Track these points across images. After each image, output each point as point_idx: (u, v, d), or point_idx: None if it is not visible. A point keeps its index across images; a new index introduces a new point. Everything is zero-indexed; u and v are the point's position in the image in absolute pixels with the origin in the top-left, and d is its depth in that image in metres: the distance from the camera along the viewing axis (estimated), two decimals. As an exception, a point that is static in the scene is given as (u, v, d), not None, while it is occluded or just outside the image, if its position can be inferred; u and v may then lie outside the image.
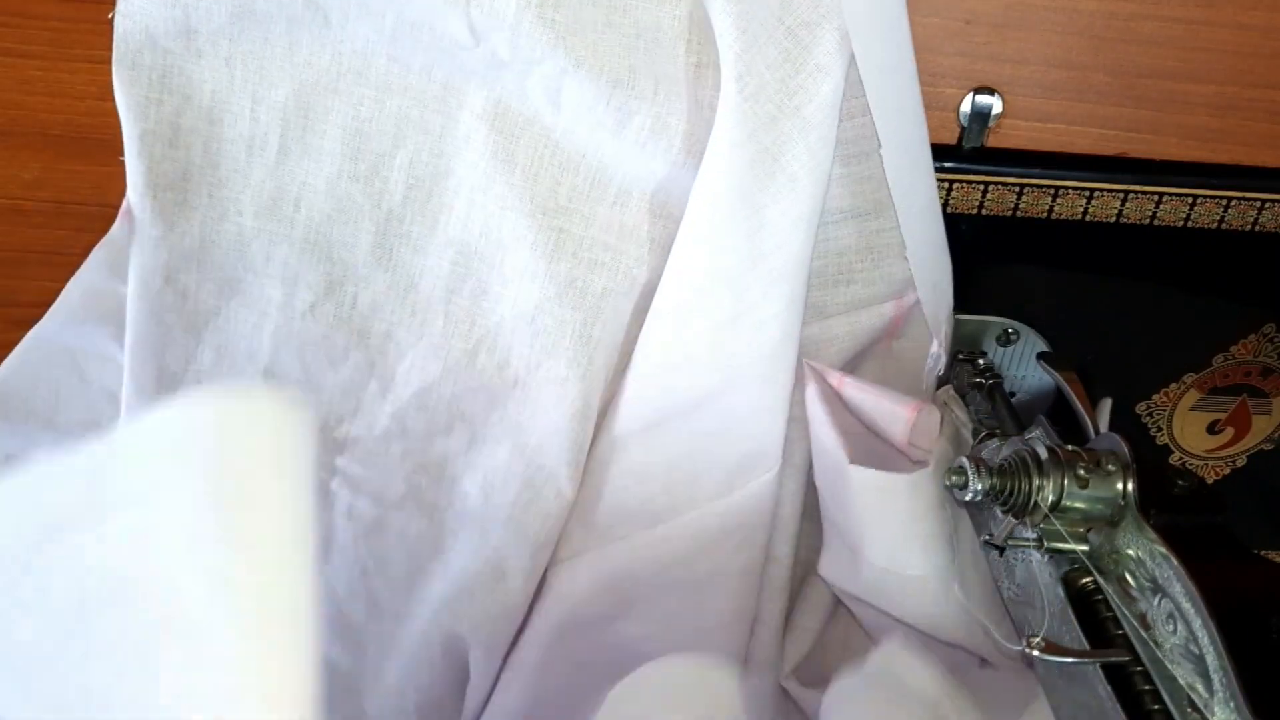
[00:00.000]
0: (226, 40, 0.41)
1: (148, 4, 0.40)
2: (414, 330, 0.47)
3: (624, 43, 0.41)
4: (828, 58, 0.40)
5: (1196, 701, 0.30)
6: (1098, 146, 0.47)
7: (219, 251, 0.44)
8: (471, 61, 0.42)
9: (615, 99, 0.41)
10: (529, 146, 0.44)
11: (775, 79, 0.40)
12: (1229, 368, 0.53)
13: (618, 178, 0.44)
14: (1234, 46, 0.44)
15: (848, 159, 0.44)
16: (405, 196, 0.44)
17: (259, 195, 0.44)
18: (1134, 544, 0.34)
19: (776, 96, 0.40)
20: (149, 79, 0.41)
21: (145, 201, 0.43)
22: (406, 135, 0.43)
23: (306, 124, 0.43)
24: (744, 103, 0.40)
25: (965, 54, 0.44)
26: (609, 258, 0.45)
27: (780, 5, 0.40)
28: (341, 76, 0.42)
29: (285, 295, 0.46)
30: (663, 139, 0.43)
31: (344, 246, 0.45)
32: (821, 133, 0.41)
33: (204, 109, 0.42)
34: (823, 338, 0.48)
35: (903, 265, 0.46)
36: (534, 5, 0.39)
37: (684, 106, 0.43)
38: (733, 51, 0.40)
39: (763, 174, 0.41)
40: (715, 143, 0.41)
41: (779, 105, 0.40)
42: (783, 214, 0.42)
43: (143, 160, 0.42)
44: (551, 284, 0.45)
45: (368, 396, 0.46)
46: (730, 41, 0.40)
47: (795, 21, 0.40)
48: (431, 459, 0.49)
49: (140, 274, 0.44)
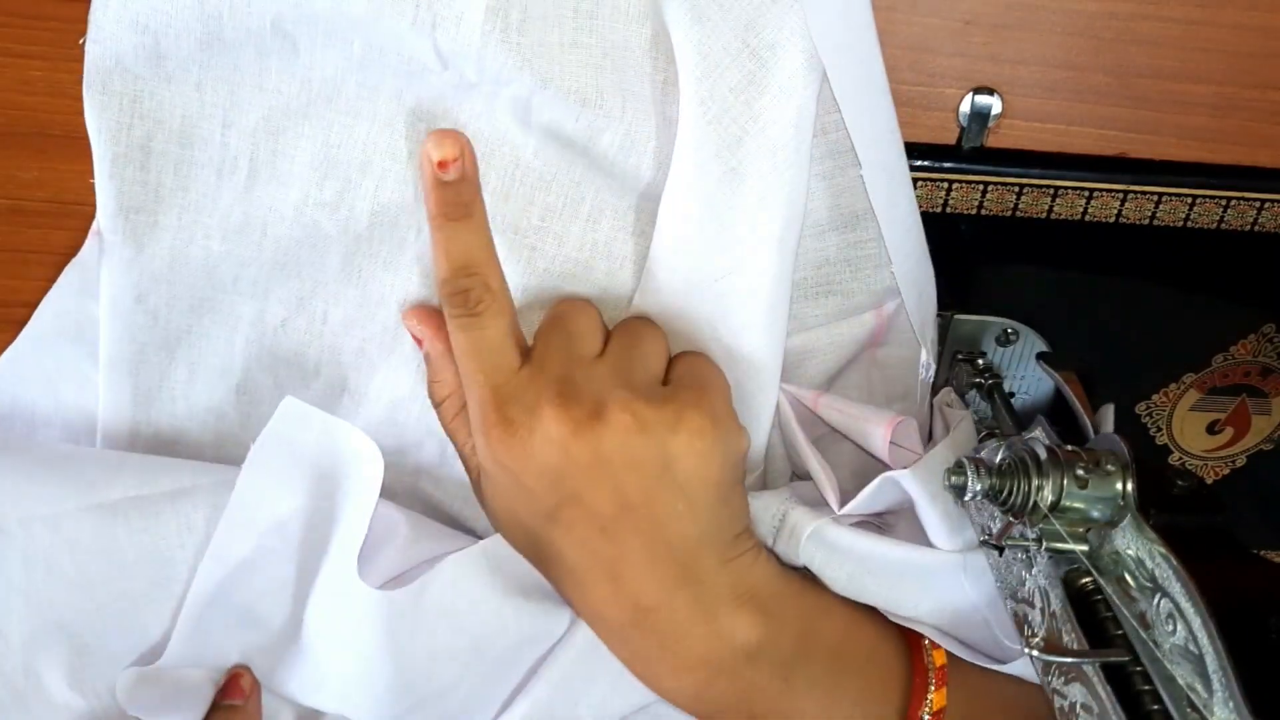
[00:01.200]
0: (197, 66, 0.41)
1: (118, 30, 0.40)
2: (385, 345, 0.47)
3: (591, 61, 0.41)
4: (793, 79, 0.40)
5: (1196, 701, 0.30)
6: (1097, 146, 0.47)
7: (188, 272, 0.44)
8: (440, 85, 0.42)
9: (584, 117, 0.42)
10: (500, 168, 0.44)
11: (739, 102, 0.40)
12: (1229, 368, 0.53)
13: (590, 196, 0.45)
14: (1234, 46, 0.44)
15: (824, 174, 0.44)
16: (371, 223, 0.45)
17: (226, 220, 0.44)
18: (1133, 544, 0.34)
19: (741, 119, 0.41)
20: (120, 104, 0.42)
21: (116, 223, 0.43)
22: (374, 161, 0.44)
23: (276, 149, 0.43)
24: (707, 126, 0.41)
25: (965, 54, 0.44)
26: (581, 271, 0.46)
27: (745, 27, 0.40)
28: (312, 102, 0.43)
29: (256, 311, 0.46)
30: (632, 156, 0.43)
31: (313, 266, 0.45)
32: (789, 153, 0.41)
33: (175, 133, 0.42)
34: (805, 349, 0.48)
35: (881, 275, 0.47)
36: (498, 29, 0.40)
37: (653, 124, 0.43)
38: (694, 75, 0.40)
39: (730, 193, 0.42)
40: (679, 162, 0.42)
41: (743, 128, 0.41)
42: (752, 231, 0.42)
43: (114, 183, 0.43)
44: (523, 296, 0.46)
45: (341, 413, 0.46)
46: (691, 66, 0.40)
47: (760, 43, 0.40)
48: (404, 474, 0.49)
49: (111, 294, 0.44)
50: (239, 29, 0.41)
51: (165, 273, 0.44)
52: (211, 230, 0.44)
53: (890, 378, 0.49)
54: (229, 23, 0.40)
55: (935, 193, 0.47)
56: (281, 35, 0.41)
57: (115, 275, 0.44)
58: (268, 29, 0.41)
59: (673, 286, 0.44)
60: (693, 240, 0.43)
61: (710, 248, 0.43)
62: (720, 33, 0.40)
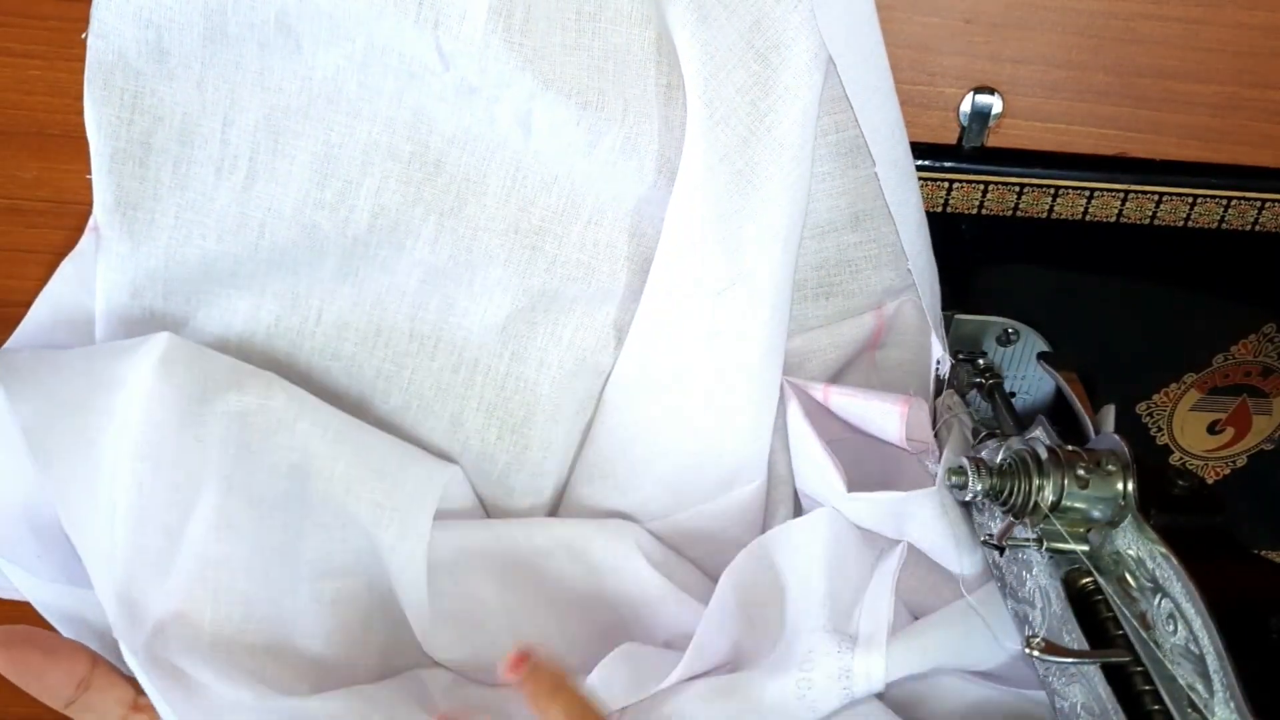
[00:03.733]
0: (199, 63, 0.41)
1: (121, 25, 0.40)
2: (379, 349, 0.47)
3: (592, 65, 0.41)
4: (797, 79, 0.40)
5: (1196, 701, 0.30)
6: (1098, 146, 0.47)
7: (184, 269, 0.44)
8: (441, 87, 0.42)
9: (585, 120, 0.42)
10: (500, 169, 0.44)
11: (745, 102, 0.41)
12: (1229, 368, 0.53)
13: (590, 198, 0.45)
14: (1234, 46, 0.44)
15: (823, 175, 0.45)
16: (371, 224, 0.44)
17: (223, 219, 0.44)
18: (1134, 544, 0.34)
19: (747, 120, 0.41)
20: (121, 99, 0.41)
21: (113, 219, 0.43)
22: (375, 162, 0.44)
23: (276, 148, 0.43)
24: (714, 127, 0.41)
25: (965, 54, 0.44)
26: (582, 273, 0.46)
27: (750, 28, 0.40)
28: (313, 101, 0.43)
29: (251, 307, 0.46)
30: (634, 159, 0.43)
31: (309, 265, 0.45)
32: (794, 152, 0.41)
33: (175, 130, 0.42)
34: (806, 351, 0.48)
35: (881, 276, 0.47)
36: (500, 30, 0.39)
37: (655, 127, 0.43)
38: (700, 77, 0.40)
39: (738, 195, 0.42)
40: (688, 165, 0.42)
41: (750, 128, 0.41)
42: (760, 232, 0.42)
43: (112, 178, 0.43)
44: (525, 296, 0.46)
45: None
46: (697, 67, 0.40)
47: (765, 44, 0.40)
48: None
49: (107, 289, 0.44)
50: (242, 24, 0.41)
51: (161, 269, 0.44)
52: (208, 229, 0.44)
53: (889, 380, 0.49)
54: (233, 18, 0.40)
55: (936, 192, 0.47)
56: (285, 31, 0.41)
57: (111, 270, 0.44)
58: (271, 24, 0.41)
59: (679, 288, 0.44)
60: (700, 242, 0.43)
61: (718, 249, 0.43)
62: (725, 34, 0.40)
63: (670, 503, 0.48)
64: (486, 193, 0.44)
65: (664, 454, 0.48)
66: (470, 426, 0.48)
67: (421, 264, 0.45)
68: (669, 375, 0.46)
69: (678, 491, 0.48)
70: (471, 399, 0.48)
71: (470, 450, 0.48)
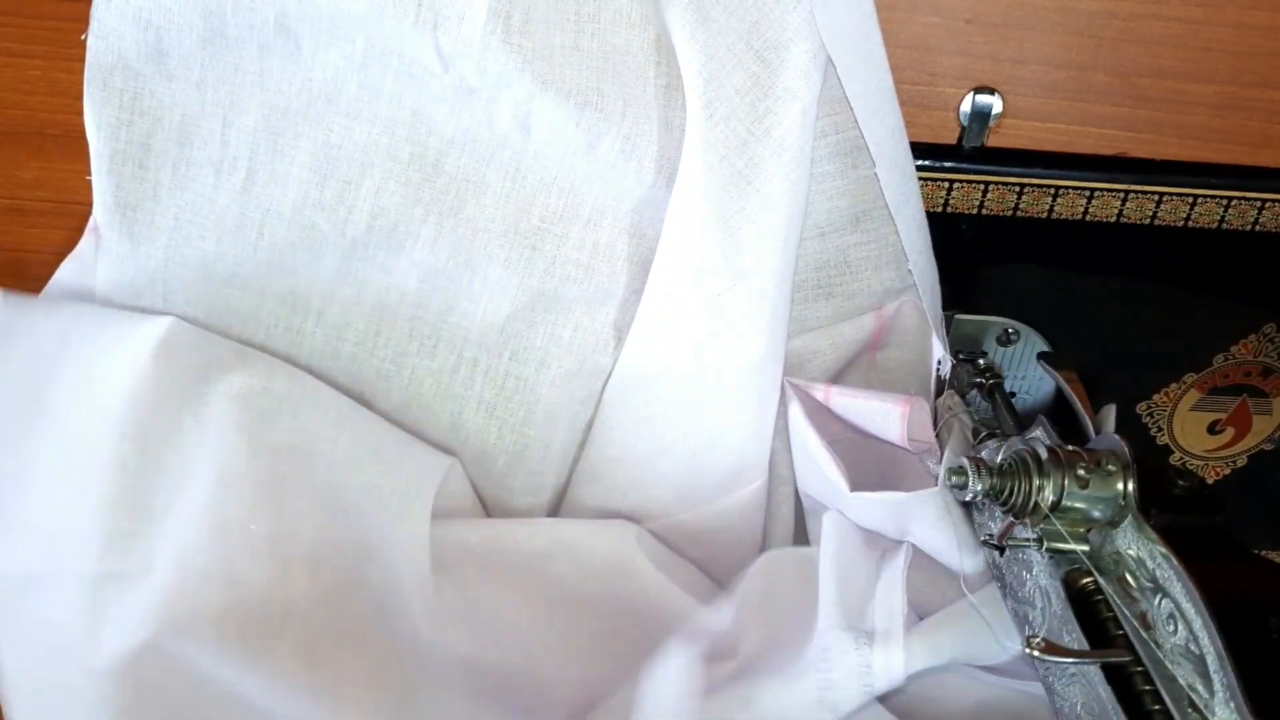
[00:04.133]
0: (198, 65, 0.41)
1: (120, 26, 0.40)
2: (379, 349, 0.47)
3: (592, 65, 0.41)
4: (796, 80, 0.40)
5: (1196, 702, 0.30)
6: (1098, 146, 0.47)
7: (184, 270, 0.44)
8: (441, 88, 0.42)
9: (584, 121, 0.42)
10: (500, 170, 0.44)
11: (744, 103, 0.41)
12: (1229, 368, 0.53)
13: (590, 199, 0.45)
14: (1234, 46, 0.44)
15: (823, 176, 0.45)
16: (370, 225, 0.44)
17: (223, 220, 0.44)
18: (1134, 544, 0.34)
19: (746, 120, 0.41)
20: (120, 100, 0.41)
21: (113, 219, 0.43)
22: (374, 163, 0.44)
23: (275, 149, 0.43)
24: (714, 128, 0.41)
25: (965, 54, 0.44)
26: (581, 274, 0.46)
27: (749, 29, 0.40)
28: (312, 102, 0.43)
29: (251, 307, 0.46)
30: (633, 160, 0.43)
31: (308, 266, 0.45)
32: (794, 153, 0.41)
33: (174, 131, 0.42)
34: (806, 352, 0.48)
35: (881, 277, 0.47)
36: (499, 31, 0.40)
37: (654, 128, 0.43)
38: (700, 78, 0.40)
39: (738, 196, 0.42)
40: (687, 165, 0.42)
41: (749, 129, 0.41)
42: (760, 234, 0.42)
43: (112, 179, 0.43)
44: (524, 296, 0.46)
45: None
46: (697, 68, 0.40)
47: (764, 45, 0.40)
48: None
49: (107, 290, 0.44)
50: (242, 25, 0.41)
51: (161, 270, 0.44)
52: (208, 230, 0.44)
53: (890, 380, 0.49)
54: (232, 19, 0.40)
55: (936, 192, 0.47)
56: (284, 32, 0.41)
57: (111, 271, 0.44)
58: (271, 25, 0.41)
59: (679, 289, 0.44)
60: (700, 242, 0.43)
61: (717, 250, 0.43)
62: (725, 35, 0.40)
63: (671, 503, 0.48)
64: (486, 193, 0.44)
65: (665, 454, 0.48)
66: (470, 426, 0.48)
67: (421, 264, 0.45)
68: (669, 376, 0.46)
69: (679, 492, 0.48)
70: (471, 399, 0.48)
71: (470, 450, 0.48)
